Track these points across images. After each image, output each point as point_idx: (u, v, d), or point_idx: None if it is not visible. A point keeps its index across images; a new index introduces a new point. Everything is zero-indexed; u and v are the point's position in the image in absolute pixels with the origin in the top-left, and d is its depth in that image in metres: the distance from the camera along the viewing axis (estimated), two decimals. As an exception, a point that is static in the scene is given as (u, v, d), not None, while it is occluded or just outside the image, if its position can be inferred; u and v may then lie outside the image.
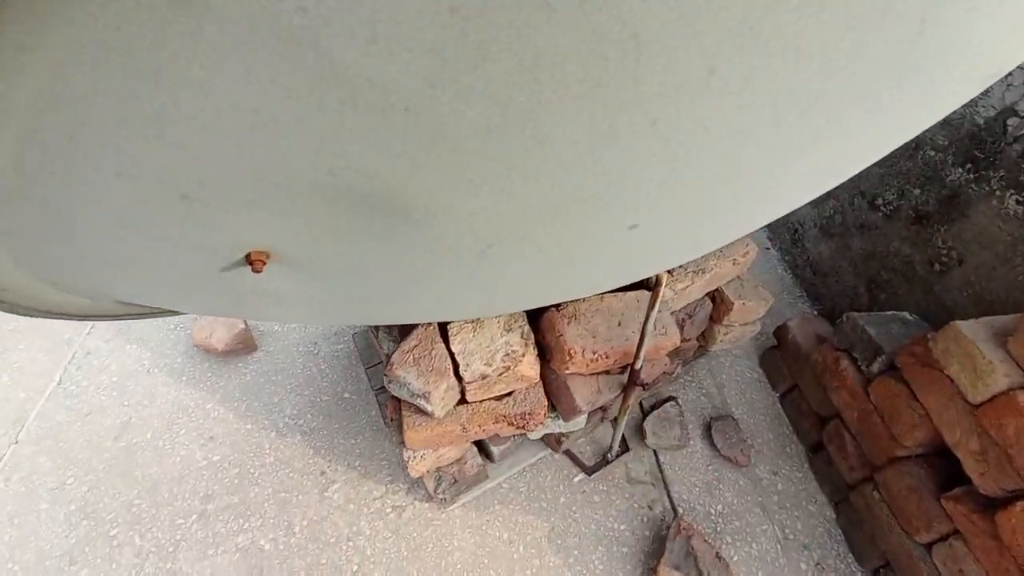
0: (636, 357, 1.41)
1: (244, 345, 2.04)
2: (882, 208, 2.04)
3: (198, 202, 0.42)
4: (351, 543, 1.63)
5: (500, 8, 0.30)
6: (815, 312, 2.40)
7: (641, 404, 2.01)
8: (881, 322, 1.66)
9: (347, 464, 1.80)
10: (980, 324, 1.29)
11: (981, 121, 1.64)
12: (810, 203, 2.44)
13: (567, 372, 1.47)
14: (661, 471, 1.85)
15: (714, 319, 1.84)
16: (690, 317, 1.74)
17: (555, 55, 0.33)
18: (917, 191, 1.88)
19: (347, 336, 2.18)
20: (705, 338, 1.92)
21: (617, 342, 1.45)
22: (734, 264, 1.69)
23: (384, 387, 1.49)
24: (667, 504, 1.77)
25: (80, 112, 0.34)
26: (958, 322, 1.30)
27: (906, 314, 1.73)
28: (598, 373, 1.54)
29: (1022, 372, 1.18)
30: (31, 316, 0.90)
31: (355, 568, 1.58)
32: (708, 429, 1.94)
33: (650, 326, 1.30)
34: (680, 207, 0.62)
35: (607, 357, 1.44)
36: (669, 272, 1.61)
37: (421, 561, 1.60)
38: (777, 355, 2.10)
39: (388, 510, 1.71)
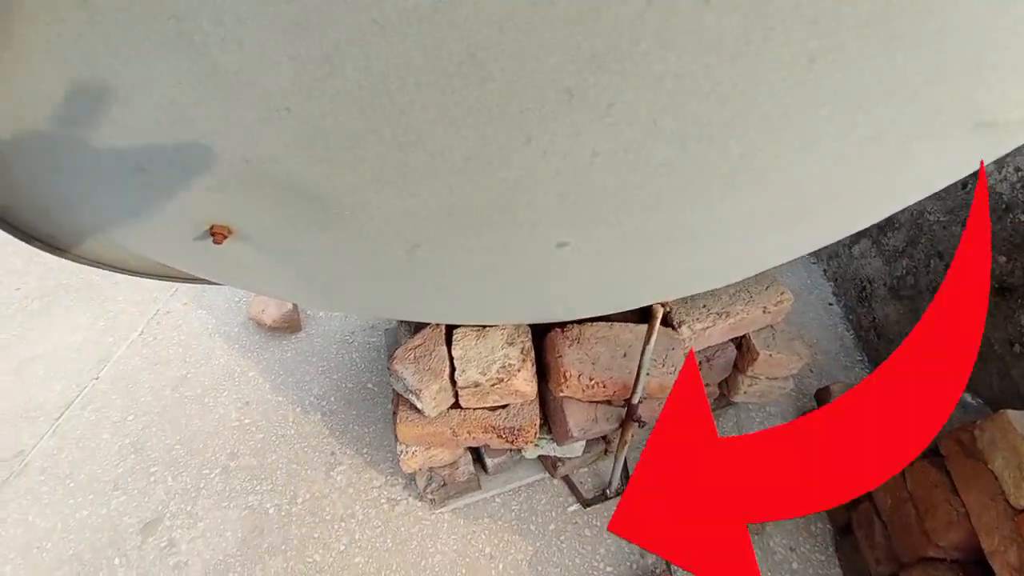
0: (634, 390, 1.37)
1: (289, 325, 2.24)
2: (961, 274, 1.81)
3: (152, 175, 0.51)
4: (343, 524, 1.71)
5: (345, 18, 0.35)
6: (874, 381, 2.16)
7: (654, 445, 1.92)
8: (932, 399, 1.47)
9: (356, 450, 1.91)
10: (1037, 416, 1.12)
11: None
12: (882, 260, 2.23)
13: (562, 395, 1.46)
14: (663, 519, 1.75)
15: (738, 367, 1.73)
16: (708, 361, 1.65)
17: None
18: (1003, 259, 1.65)
19: (381, 331, 2.31)
20: (728, 387, 1.81)
21: (618, 373, 1.42)
22: (764, 312, 1.60)
23: None
24: (664, 563, 1.67)
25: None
26: (1010, 411, 1.13)
27: (968, 396, 1.52)
28: (597, 402, 1.51)
29: (1079, 479, 1.01)
30: (100, 268, 1.09)
31: (342, 548, 1.66)
32: (722, 485, 1.81)
33: (647, 358, 1.27)
34: (614, 230, 0.63)
35: (604, 386, 1.42)
36: (674, 310, 1.56)
37: (403, 556, 1.65)
38: (815, 419, 1.91)
39: (383, 501, 1.78)
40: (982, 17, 0.41)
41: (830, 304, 2.52)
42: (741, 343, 1.70)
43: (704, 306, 1.59)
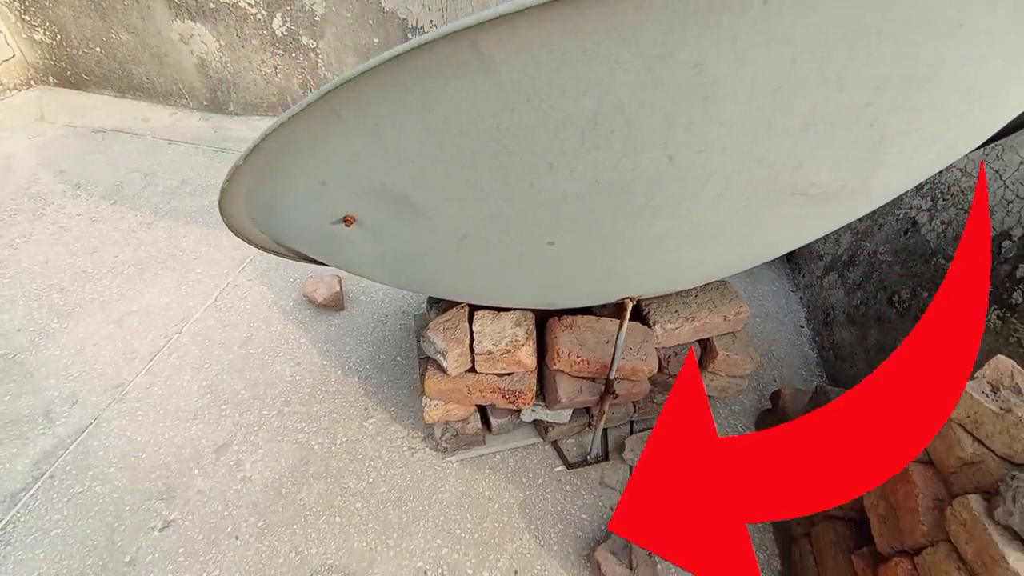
0: (610, 368, 1.77)
1: (335, 304, 2.69)
2: (897, 305, 2.17)
3: (332, 187, 0.95)
4: (372, 463, 2.13)
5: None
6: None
7: (631, 425, 2.31)
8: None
9: (384, 408, 2.33)
10: (905, 405, 1.48)
11: (983, 239, 1.79)
12: (844, 291, 2.59)
13: (555, 368, 1.86)
14: (631, 485, 2.13)
15: (702, 364, 2.11)
16: (676, 355, 2.04)
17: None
18: (926, 294, 2.02)
19: (411, 315, 2.75)
20: (693, 380, 2.19)
21: (600, 355, 1.82)
22: (725, 320, 1.98)
23: (424, 357, 1.98)
24: (628, 512, 2.05)
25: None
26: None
27: None
28: (583, 377, 1.91)
29: (925, 453, 1.37)
30: (241, 238, 1.53)
31: (371, 480, 2.07)
32: (684, 462, 2.18)
33: (621, 342, 1.67)
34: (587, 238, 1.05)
35: (588, 364, 1.82)
36: (651, 311, 1.95)
37: (418, 491, 2.05)
38: (767, 419, 2.28)
39: (404, 448, 2.19)
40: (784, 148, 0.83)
41: (801, 327, 2.88)
42: (706, 344, 2.08)
43: (675, 311, 1.98)
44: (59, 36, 4.13)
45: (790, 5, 0.64)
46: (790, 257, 3.28)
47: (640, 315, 2.02)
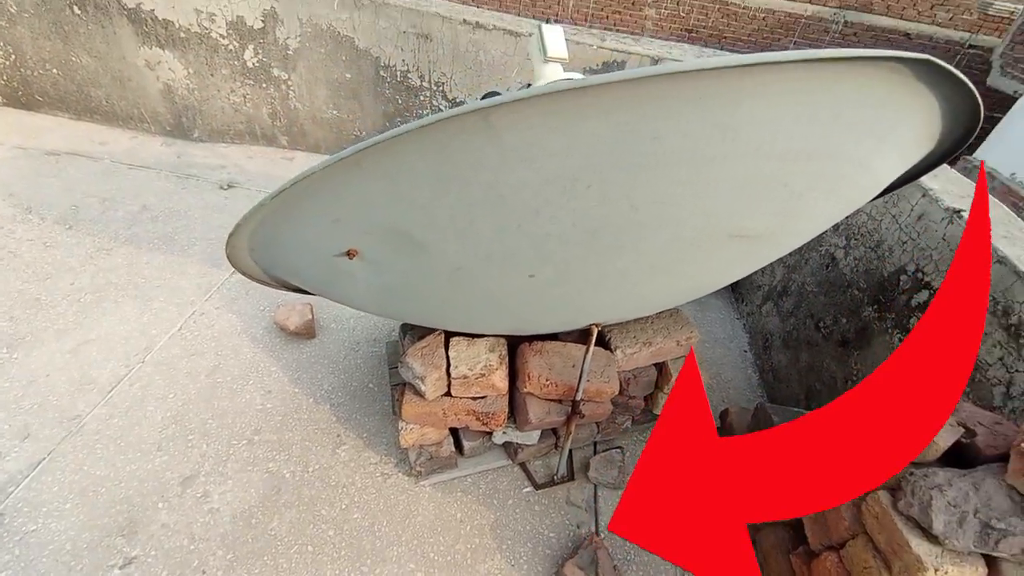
0: (577, 390, 1.92)
1: (307, 332, 2.72)
2: (823, 330, 2.47)
3: (343, 225, 1.07)
4: (345, 489, 2.15)
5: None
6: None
7: (595, 446, 2.45)
8: (787, 415, 2.07)
9: (357, 434, 2.37)
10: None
11: (886, 273, 2.11)
12: (779, 318, 2.89)
13: (525, 390, 1.99)
14: (596, 502, 2.26)
15: (658, 386, 2.30)
16: (635, 378, 2.22)
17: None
18: (844, 320, 2.32)
19: (382, 343, 2.81)
20: (651, 401, 2.38)
21: (567, 378, 1.97)
22: (678, 344, 2.19)
23: (398, 383, 2.07)
24: (593, 528, 2.17)
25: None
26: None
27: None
28: (551, 400, 2.05)
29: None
30: (242, 275, 1.59)
31: (344, 506, 2.10)
32: (644, 479, 2.34)
33: (587, 366, 1.83)
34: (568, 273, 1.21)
35: (556, 386, 1.96)
36: (612, 337, 2.14)
37: (390, 516, 2.09)
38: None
39: (378, 474, 2.23)
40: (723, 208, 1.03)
41: (745, 351, 3.16)
42: (661, 367, 2.28)
43: (634, 336, 2.18)
44: (13, 56, 4.02)
45: (720, 100, 0.84)
46: (734, 287, 3.60)
47: (603, 341, 2.20)
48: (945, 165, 2.19)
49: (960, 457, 1.38)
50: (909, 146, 1.19)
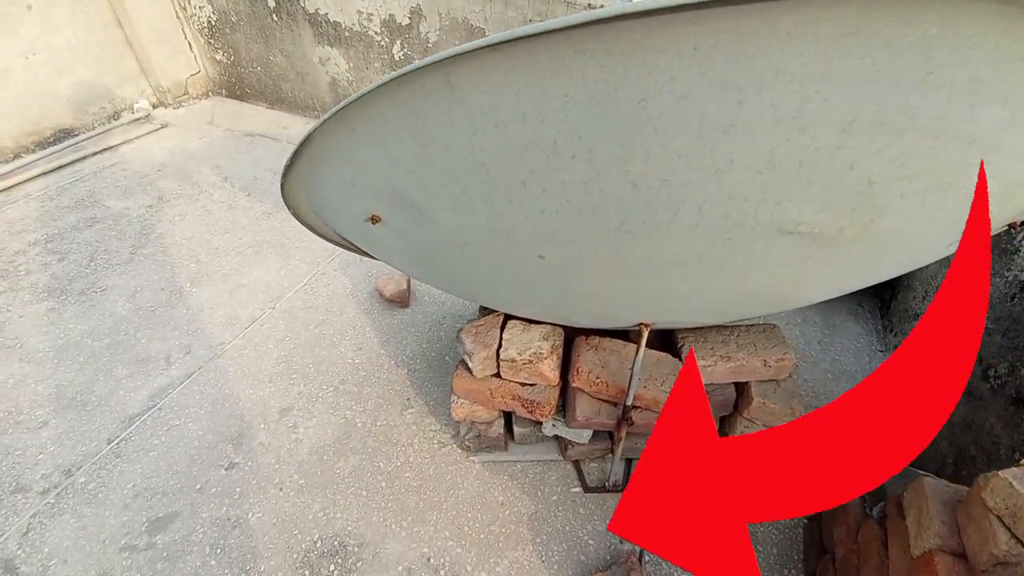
0: (627, 394, 1.77)
1: (401, 301, 2.96)
2: (992, 380, 1.88)
3: (358, 188, 1.13)
4: (403, 448, 2.31)
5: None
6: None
7: (659, 462, 2.23)
8: (904, 473, 1.62)
9: (425, 401, 2.51)
10: (949, 486, 1.30)
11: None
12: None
13: (575, 385, 1.90)
14: (648, 521, 2.06)
15: (738, 409, 1.99)
16: (709, 394, 1.95)
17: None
18: (1024, 371, 1.73)
19: (466, 320, 2.92)
20: (727, 424, 2.07)
21: (621, 379, 1.82)
22: (765, 365, 1.87)
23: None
24: (638, 549, 1.99)
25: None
26: (925, 479, 1.32)
27: (932, 476, 1.63)
28: (602, 399, 1.92)
29: (957, 538, 1.19)
30: (307, 228, 1.81)
31: (399, 463, 2.25)
32: (709, 510, 2.06)
33: (637, 367, 1.67)
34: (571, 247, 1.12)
35: (607, 386, 1.83)
36: (684, 344, 1.90)
37: (438, 482, 2.19)
38: (816, 481, 2.06)
39: (435, 442, 2.34)
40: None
41: (882, 391, 2.56)
42: (742, 388, 1.97)
43: (711, 348, 1.92)
44: (233, 57, 5.07)
45: (722, 55, 0.68)
46: (884, 313, 2.94)
47: (673, 347, 1.98)
48: None
49: None
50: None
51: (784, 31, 0.66)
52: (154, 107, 5.07)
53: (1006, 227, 1.17)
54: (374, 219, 1.23)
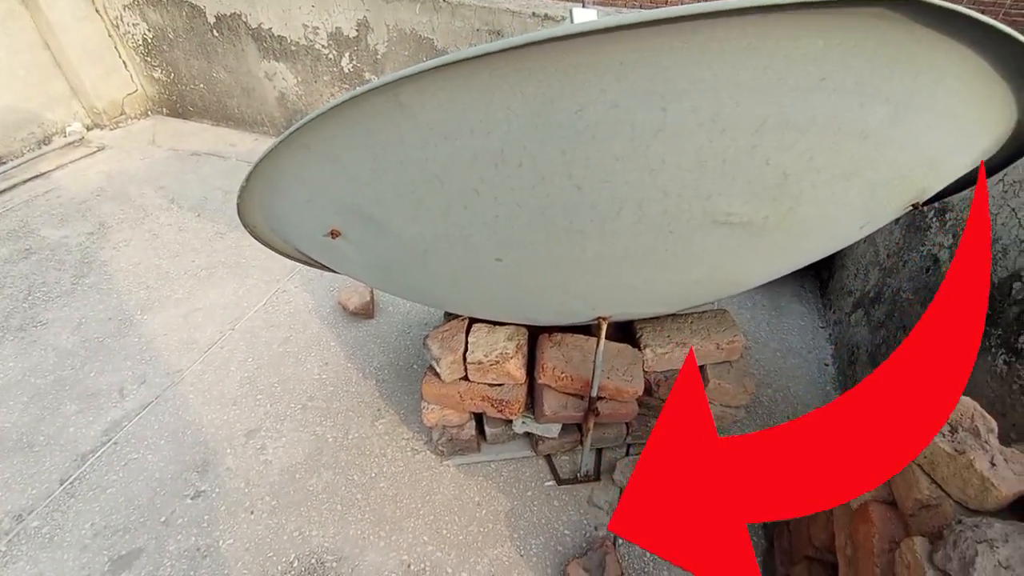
0: (591, 386, 1.85)
1: (366, 312, 2.96)
2: (915, 346, 2.07)
3: (315, 204, 1.16)
4: (376, 459, 2.31)
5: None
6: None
7: (628, 448, 2.33)
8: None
9: (395, 410, 2.52)
10: (880, 444, 1.44)
11: (996, 280, 1.70)
12: (868, 329, 2.48)
13: (541, 381, 1.96)
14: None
15: (696, 392, 2.11)
16: (668, 380, 2.06)
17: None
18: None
19: (431, 327, 2.95)
20: (687, 407, 2.19)
21: (584, 373, 1.90)
22: (717, 348, 2.00)
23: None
24: (612, 535, 2.07)
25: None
26: (861, 437, 1.46)
27: None
28: (568, 393, 1.99)
29: (887, 488, 1.33)
30: (265, 246, 1.80)
31: (374, 474, 2.25)
32: (676, 491, 2.17)
33: (599, 360, 1.75)
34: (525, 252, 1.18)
35: (572, 380, 1.91)
36: (643, 335, 2.01)
37: (414, 489, 2.20)
38: (771, 453, 2.21)
39: (408, 449, 2.36)
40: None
41: (826, 364, 2.77)
42: (701, 371, 2.09)
43: (667, 336, 2.03)
44: (172, 74, 4.90)
45: (645, 68, 0.76)
46: (823, 292, 3.16)
47: (633, 338, 2.08)
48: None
49: (1035, 510, 1.09)
50: (960, 118, 0.96)
51: (696, 47, 0.75)
52: (88, 129, 4.83)
53: (910, 207, 1.31)
54: (333, 233, 1.25)
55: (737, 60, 0.76)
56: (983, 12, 0.71)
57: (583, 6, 1.94)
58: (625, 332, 2.16)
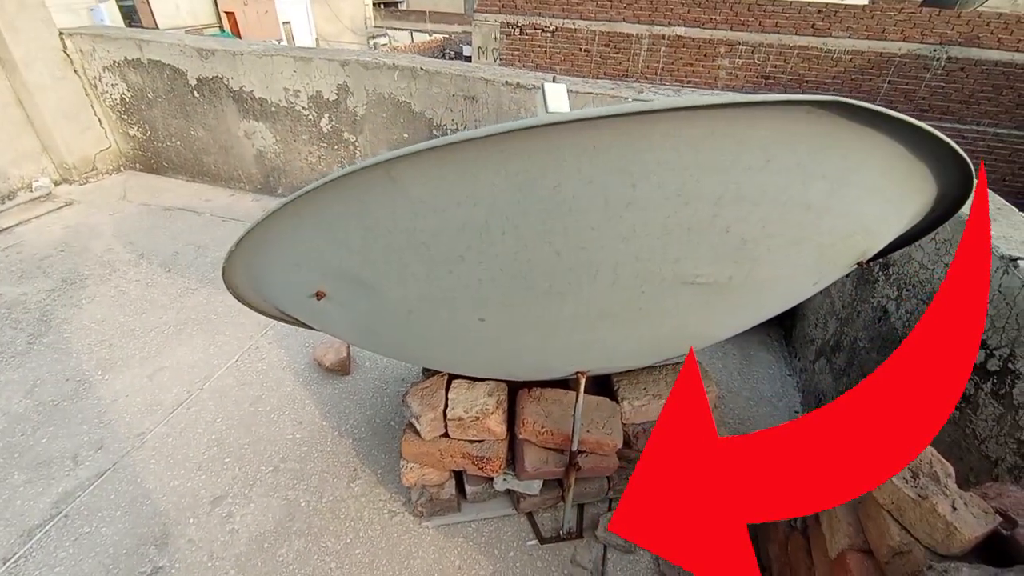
0: (571, 440, 1.86)
1: (342, 369, 2.91)
2: (876, 392, 2.18)
3: (303, 268, 1.19)
4: (352, 523, 2.22)
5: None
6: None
7: (610, 503, 2.31)
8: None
9: (372, 470, 2.45)
10: (851, 491, 1.49)
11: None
12: (831, 376, 2.60)
13: (521, 436, 1.96)
14: (604, 566, 2.11)
15: (673, 442, 2.15)
16: (644, 432, 2.09)
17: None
18: (897, 382, 2.03)
19: (409, 382, 2.92)
20: (666, 458, 2.21)
21: (565, 427, 1.92)
22: (692, 398, 2.05)
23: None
24: (598, 594, 2.02)
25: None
26: (832, 484, 1.51)
27: None
28: (549, 448, 2.00)
29: (863, 536, 1.37)
30: (245, 305, 1.80)
31: (349, 540, 2.15)
32: (660, 546, 2.15)
33: (578, 413, 1.78)
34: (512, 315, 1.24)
35: (552, 435, 1.92)
36: (620, 388, 2.05)
37: (392, 555, 2.11)
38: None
39: (385, 511, 2.27)
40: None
41: (796, 412, 2.85)
42: (676, 422, 2.13)
43: (644, 388, 2.08)
44: (149, 132, 4.95)
45: (616, 151, 0.86)
46: (787, 340, 3.31)
47: (611, 391, 2.12)
48: (1012, 207, 1.93)
49: (996, 553, 1.14)
50: (886, 191, 1.09)
51: (660, 132, 0.85)
52: (56, 184, 4.77)
53: (856, 265, 1.44)
54: (319, 295, 1.28)
55: (697, 144, 0.87)
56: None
57: (553, 80, 2.11)
58: (602, 386, 2.20)
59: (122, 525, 2.18)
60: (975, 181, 1.12)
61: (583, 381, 1.70)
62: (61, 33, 4.47)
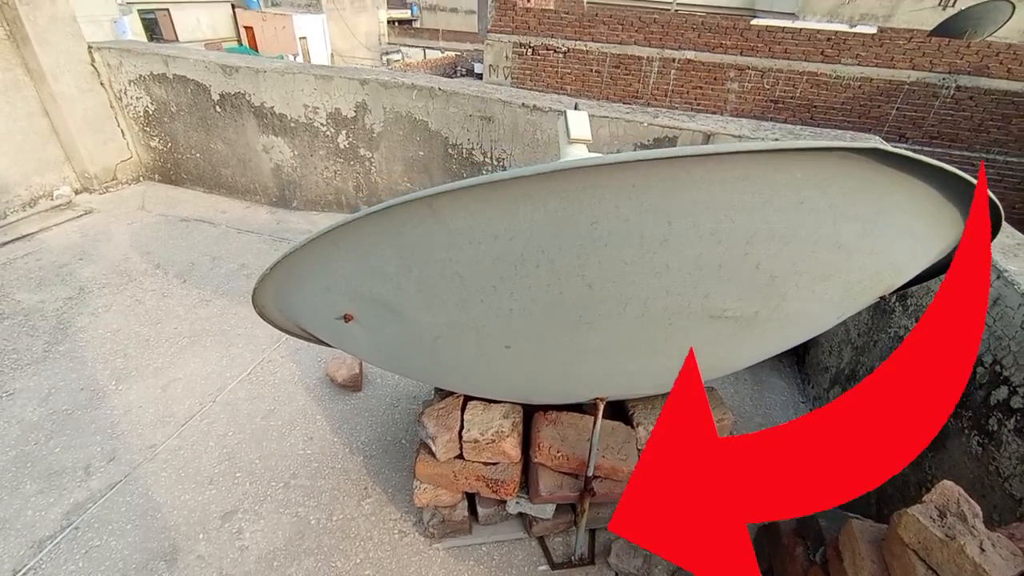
0: (587, 465, 1.85)
1: (354, 385, 2.92)
2: (893, 424, 2.16)
3: (334, 292, 1.21)
4: (362, 543, 2.20)
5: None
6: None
7: (621, 531, 2.29)
8: (837, 517, 1.80)
9: (383, 488, 2.44)
10: (874, 526, 1.47)
11: (960, 364, 1.83)
12: (846, 406, 2.57)
13: (536, 460, 1.96)
14: (616, 594, 2.08)
15: (688, 470, 2.13)
16: (661, 458, 2.08)
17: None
18: (915, 415, 2.02)
19: (421, 400, 2.92)
20: (681, 486, 2.19)
21: (580, 451, 1.91)
22: (708, 426, 2.04)
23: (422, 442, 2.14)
24: (610, 625, 1.99)
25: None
26: (853, 520, 1.50)
27: (859, 517, 1.82)
28: (564, 472, 1.99)
29: (887, 574, 1.35)
30: (269, 324, 1.82)
31: (359, 560, 2.14)
32: (674, 574, 2.12)
33: (596, 439, 1.77)
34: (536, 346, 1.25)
35: (568, 459, 1.91)
36: (636, 413, 2.05)
37: (401, 577, 2.09)
38: (761, 529, 2.20)
39: (396, 531, 2.26)
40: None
41: (809, 440, 2.82)
42: (691, 450, 2.12)
43: (659, 412, 2.07)
44: (170, 143, 5.04)
45: (654, 191, 0.88)
46: (800, 367, 3.29)
47: (625, 415, 2.11)
48: (1031, 242, 1.93)
49: (1026, 598, 1.13)
50: (916, 231, 1.11)
51: (697, 176, 0.87)
52: (77, 193, 4.86)
53: (878, 299, 1.44)
54: (347, 318, 1.30)
55: (732, 187, 0.89)
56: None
57: (575, 108, 2.15)
58: (617, 410, 2.20)
59: (132, 539, 2.17)
60: (1002, 220, 1.14)
61: (602, 407, 1.70)
62: (90, 47, 4.60)
